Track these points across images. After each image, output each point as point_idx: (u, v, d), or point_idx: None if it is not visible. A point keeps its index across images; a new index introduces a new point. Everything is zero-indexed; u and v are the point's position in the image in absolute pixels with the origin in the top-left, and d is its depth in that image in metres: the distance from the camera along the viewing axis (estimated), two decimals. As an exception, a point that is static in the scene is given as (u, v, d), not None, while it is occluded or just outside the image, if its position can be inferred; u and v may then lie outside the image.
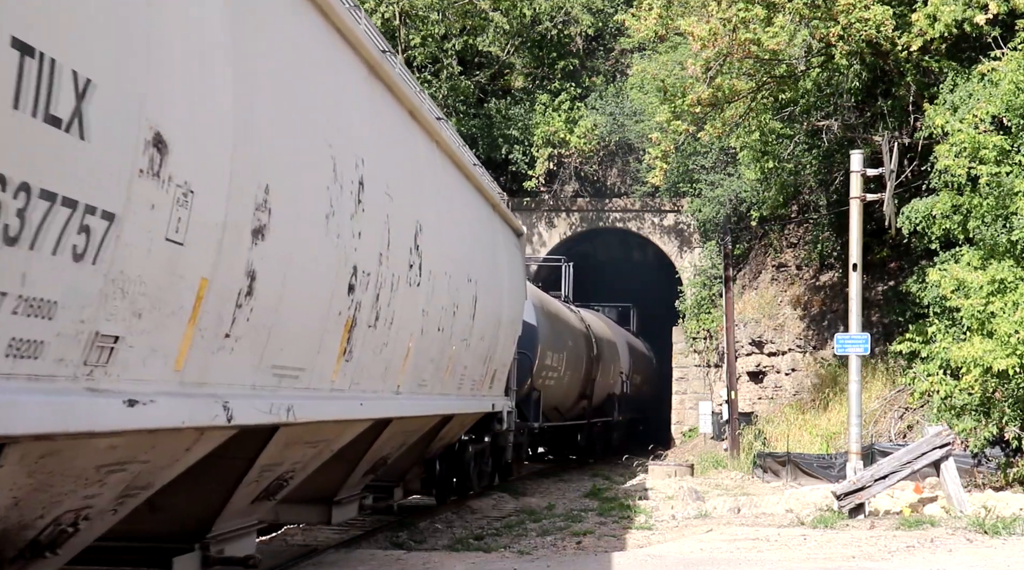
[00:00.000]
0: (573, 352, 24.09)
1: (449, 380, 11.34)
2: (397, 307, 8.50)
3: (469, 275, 11.53)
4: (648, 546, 12.42)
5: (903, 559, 11.26)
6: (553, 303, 23.67)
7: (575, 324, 25.44)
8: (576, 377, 24.77)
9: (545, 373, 21.40)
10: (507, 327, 14.58)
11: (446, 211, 10.49)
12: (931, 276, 17.75)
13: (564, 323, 23.89)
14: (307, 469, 8.16)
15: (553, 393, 22.54)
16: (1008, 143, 16.88)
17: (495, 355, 13.97)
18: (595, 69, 35.58)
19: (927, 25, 19.15)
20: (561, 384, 23.18)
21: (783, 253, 28.96)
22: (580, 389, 25.63)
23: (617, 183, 34.73)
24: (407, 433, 11.16)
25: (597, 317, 30.46)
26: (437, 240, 9.80)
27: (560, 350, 22.60)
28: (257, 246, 5.56)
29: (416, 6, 31.43)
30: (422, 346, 9.71)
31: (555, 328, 22.39)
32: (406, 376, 9.37)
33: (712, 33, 20.33)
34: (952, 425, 16.71)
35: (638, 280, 39.03)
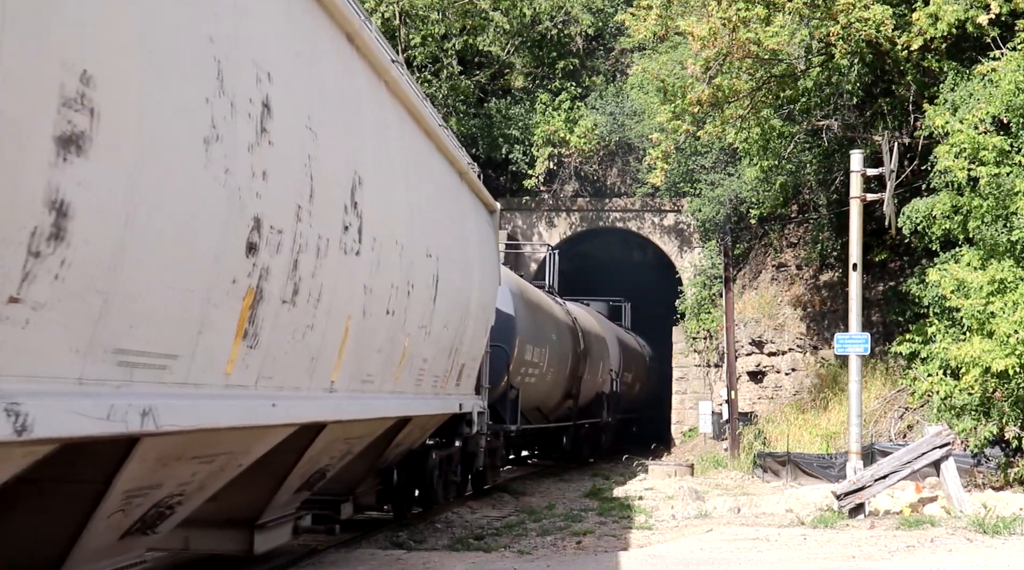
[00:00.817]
0: (557, 347, 22.01)
1: (404, 376, 9.59)
2: (327, 280, 6.74)
3: (429, 249, 9.76)
4: (648, 546, 12.42)
5: (903, 559, 11.26)
6: (534, 292, 21.52)
7: (560, 316, 23.42)
8: (560, 374, 22.78)
9: (524, 369, 19.27)
10: (477, 315, 12.64)
11: (397, 167, 8.69)
12: (931, 276, 17.76)
13: (547, 314, 21.73)
14: (206, 489, 6.55)
15: (534, 392, 20.55)
16: (1008, 144, 16.89)
17: (462, 347, 12.06)
18: (595, 69, 35.59)
19: (928, 25, 19.15)
20: (543, 382, 21.15)
21: (783, 253, 28.96)
22: (565, 388, 23.76)
23: (617, 183, 34.74)
24: (351, 440, 9.39)
25: (586, 311, 28.72)
26: (384, 201, 8.10)
27: (542, 344, 20.47)
28: (69, 164, 3.78)
29: (416, 6, 31.44)
30: (365, 332, 7.92)
31: (536, 319, 20.34)
32: (344, 370, 7.62)
33: (712, 33, 20.34)
34: (952, 425, 16.71)
35: (638, 280, 39.01)
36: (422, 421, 11.81)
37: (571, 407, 24.68)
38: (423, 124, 10.09)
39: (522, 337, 18.70)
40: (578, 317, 25.76)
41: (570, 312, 25.09)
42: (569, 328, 23.90)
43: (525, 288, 20.38)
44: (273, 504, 8.27)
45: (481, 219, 13.48)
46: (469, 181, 12.70)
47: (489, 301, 13.68)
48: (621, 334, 33.42)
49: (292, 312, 6.23)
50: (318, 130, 6.37)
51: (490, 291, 13.72)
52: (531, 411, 21.00)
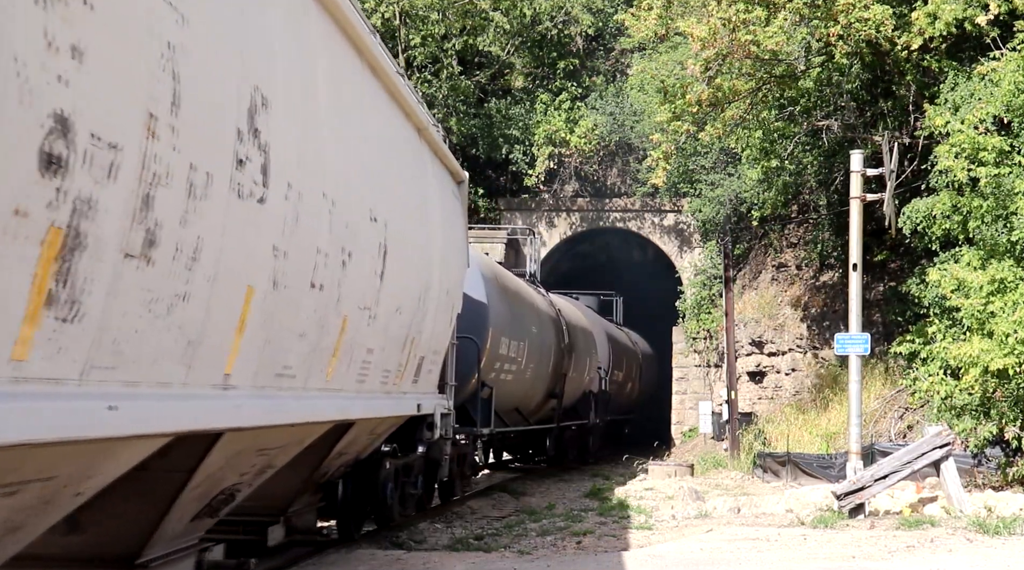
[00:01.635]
0: (538, 341, 19.83)
1: (341, 370, 7.75)
2: (210, 232, 4.89)
3: (374, 212, 7.91)
4: (648, 546, 12.42)
5: (903, 559, 11.26)
6: (512, 279, 19.39)
7: (542, 307, 21.29)
8: (542, 371, 20.67)
9: (500, 365, 17.24)
10: (440, 300, 10.86)
11: (325, 99, 6.81)
12: (931, 276, 17.76)
13: (526, 304, 19.58)
14: (30, 527, 4.73)
15: (511, 391, 18.51)
16: (1008, 144, 16.90)
17: (421, 337, 10.26)
18: (595, 69, 35.61)
19: (927, 24, 19.16)
20: (522, 379, 19.08)
21: (783, 253, 28.96)
22: (548, 386, 21.68)
23: (617, 183, 34.76)
24: (269, 451, 7.43)
25: (572, 304, 26.77)
26: (304, 138, 6.20)
27: (520, 337, 18.38)
28: None
29: (416, 6, 31.45)
30: (279, 310, 6.06)
31: (514, 309, 18.25)
32: (246, 359, 5.74)
33: (712, 33, 20.34)
34: (952, 425, 16.71)
35: (638, 280, 39.00)
36: (370, 425, 10.10)
37: (555, 408, 22.79)
38: (367, 56, 7.97)
39: (496, 328, 16.69)
40: (563, 309, 23.86)
41: (554, 303, 23.04)
42: (552, 320, 21.88)
43: (500, 273, 18.24)
44: (159, 537, 6.35)
45: (446, 189, 11.62)
46: (430, 141, 10.80)
47: (455, 284, 11.87)
48: (611, 329, 31.71)
49: (147, 273, 4.41)
50: (188, 12, 4.51)
51: (456, 272, 11.87)
52: (509, 412, 19.13)
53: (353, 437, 9.78)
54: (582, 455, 27.39)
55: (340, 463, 10.56)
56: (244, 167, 5.22)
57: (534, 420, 21.83)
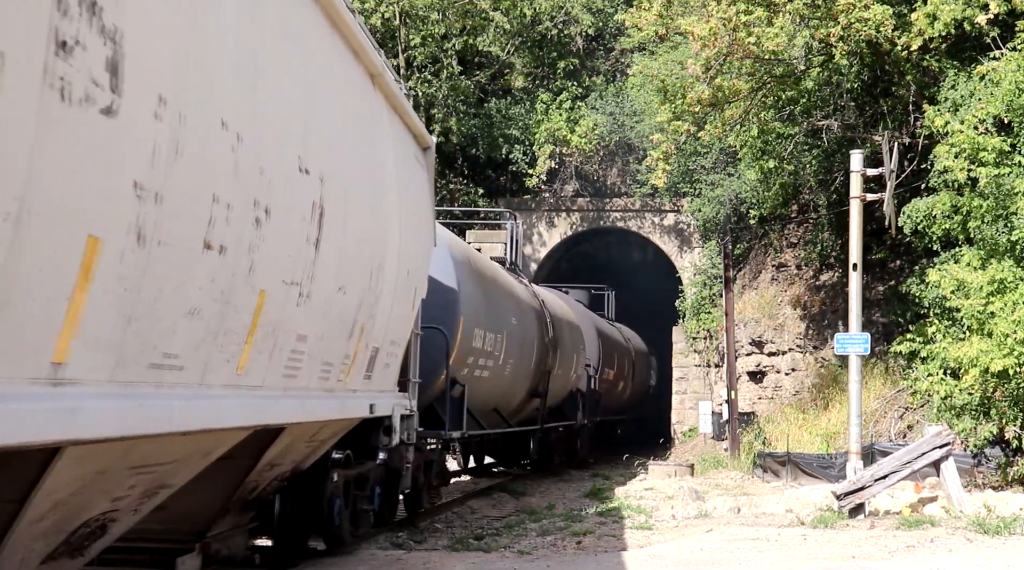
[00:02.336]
0: (518, 333, 17.91)
1: (261, 361, 6.23)
2: (6, 144, 3.46)
3: (304, 162, 6.33)
4: (648, 546, 12.42)
5: (903, 559, 11.27)
6: (488, 264, 17.53)
7: (522, 297, 19.23)
8: (523, 368, 18.67)
9: (474, 360, 15.39)
10: (399, 281, 9.33)
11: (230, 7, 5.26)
12: (931, 276, 17.76)
13: (505, 293, 17.65)
14: None
15: (488, 389, 16.69)
16: (1007, 144, 16.89)
17: (374, 324, 8.72)
18: (595, 69, 35.62)
19: (926, 24, 19.16)
20: (500, 376, 17.17)
21: (783, 253, 28.96)
22: (530, 384, 19.70)
23: (617, 183, 34.77)
24: (154, 469, 5.72)
25: (558, 296, 25.01)
26: (189, 39, 4.72)
27: (497, 329, 16.51)
28: None
29: (416, 6, 31.46)
30: (148, 274, 4.53)
31: (490, 297, 16.40)
32: (89, 342, 4.20)
33: (712, 33, 20.34)
34: (952, 425, 16.71)
35: (638, 280, 38.99)
36: (307, 430, 8.35)
37: (539, 408, 20.86)
38: None
39: (469, 318, 14.74)
40: (547, 301, 21.86)
41: (537, 294, 21.08)
42: (535, 312, 19.89)
43: (475, 257, 16.29)
44: None
45: (407, 151, 10.03)
46: (387, 93, 9.19)
47: (418, 264, 10.26)
48: (602, 325, 29.84)
49: None
50: None
51: (419, 250, 10.25)
52: (486, 413, 17.32)
53: (286, 445, 7.96)
54: (570, 458, 25.80)
55: (273, 477, 8.62)
56: (72, 55, 3.70)
57: (515, 421, 19.87)
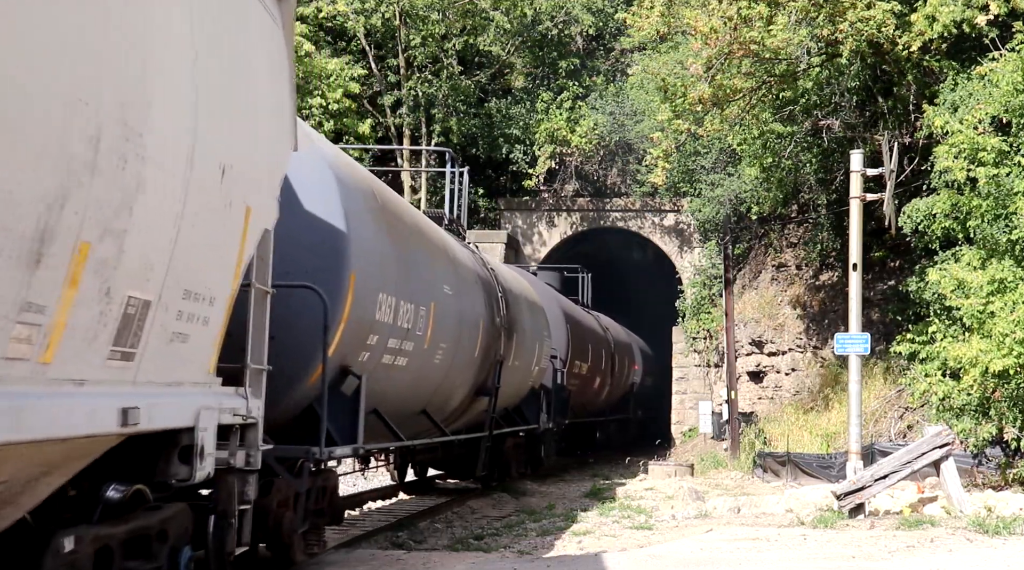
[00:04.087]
0: (455, 309, 13.14)
1: None
2: None
3: None
4: (648, 546, 12.42)
5: (903, 559, 11.26)
6: (405, 207, 12.50)
7: (465, 262, 14.53)
8: (464, 356, 13.88)
9: (379, 340, 10.45)
10: (201, 185, 5.54)
11: None
12: (931, 275, 17.77)
13: (434, 250, 12.80)
14: None
15: (408, 383, 11.88)
16: (1007, 144, 16.90)
17: (123, 248, 4.78)
18: (595, 69, 35.65)
19: (926, 25, 19.17)
20: (426, 366, 12.25)
21: (783, 253, 28.97)
22: (475, 378, 14.97)
23: (617, 183, 34.79)
24: None
25: (519, 273, 21.05)
26: None
27: (420, 298, 11.53)
28: None
29: (416, 6, 31.46)
30: None
31: (408, 253, 11.47)
32: None
33: (713, 30, 20.35)
34: (951, 425, 16.71)
35: (638, 280, 39.01)
36: None
37: (486, 410, 16.30)
38: None
39: (367, 276, 9.83)
40: (502, 274, 17.43)
41: (486, 263, 16.53)
42: (482, 283, 15.13)
43: (381, 192, 11.24)
44: None
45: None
46: None
47: (253, 162, 6.48)
48: (573, 309, 25.46)
49: None
50: None
51: (252, 143, 6.50)
52: (408, 417, 12.58)
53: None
54: (533, 468, 21.64)
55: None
56: None
57: (455, 427, 15.26)
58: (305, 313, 8.95)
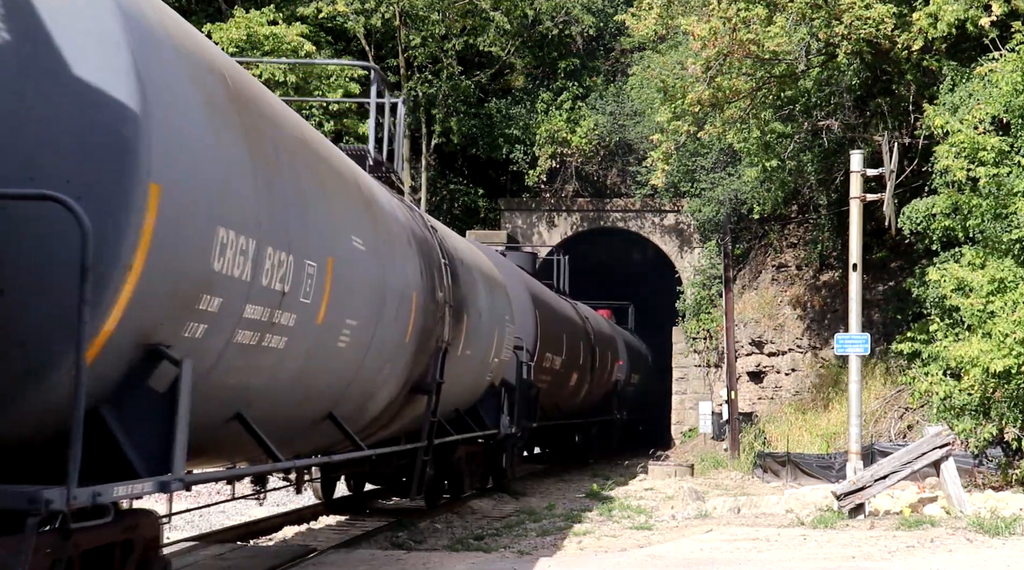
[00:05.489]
0: (371, 271, 9.47)
1: None
2: None
3: None
4: (648, 546, 12.42)
5: (903, 559, 11.26)
6: (293, 121, 8.41)
7: (389, 211, 10.70)
8: (387, 339, 10.15)
9: (213, 305, 6.33)
10: None
11: None
12: (931, 275, 17.76)
13: (338, 183, 9.12)
14: None
15: (283, 377, 7.95)
16: (1007, 144, 16.90)
17: None
18: (595, 69, 35.67)
19: (928, 25, 19.17)
20: (318, 351, 8.41)
21: (783, 253, 28.98)
22: (407, 371, 11.15)
23: (617, 183, 34.81)
24: None
25: (475, 246, 17.38)
26: None
27: (305, 251, 7.67)
28: None
29: (416, 6, 31.46)
30: None
31: (275, 176, 7.28)
32: None
33: (712, 32, 20.35)
34: (952, 426, 16.70)
35: (638, 280, 39.02)
36: None
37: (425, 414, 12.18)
38: None
39: (192, 195, 6.04)
40: (447, 237, 13.87)
41: (429, 222, 12.97)
42: (416, 242, 11.43)
43: (238, 76, 7.39)
44: None
45: None
46: None
47: None
48: (542, 292, 21.96)
49: None
50: None
51: None
52: (305, 425, 9.13)
53: None
54: (495, 480, 18.33)
55: None
56: None
57: (385, 436, 11.85)
58: (64, 252, 5.23)
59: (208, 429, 6.98)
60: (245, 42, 26.76)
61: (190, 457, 6.60)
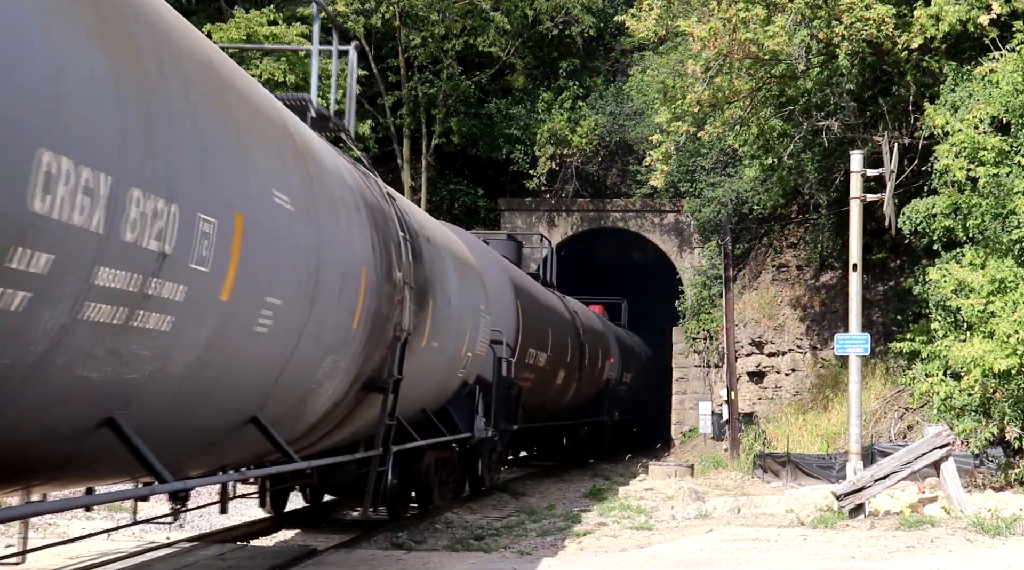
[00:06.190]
0: (303, 238, 7.62)
1: None
2: None
3: None
4: (648, 546, 12.42)
5: (903, 559, 11.26)
6: (201, 45, 6.54)
7: (330, 168, 8.92)
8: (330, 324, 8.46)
9: (37, 264, 4.47)
10: None
11: None
12: (931, 275, 17.76)
13: (258, 123, 7.17)
14: None
15: (172, 370, 6.06)
16: (1007, 144, 16.90)
17: None
18: (595, 69, 35.68)
19: (929, 25, 19.17)
20: (226, 336, 6.55)
21: (783, 253, 28.98)
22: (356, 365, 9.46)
23: (617, 183, 34.81)
24: None
25: (448, 228, 15.68)
26: None
27: (201, 201, 5.85)
28: None
29: (416, 6, 31.46)
30: None
31: (150, 95, 5.38)
32: None
33: (712, 33, 20.35)
34: (952, 426, 16.70)
35: (638, 280, 39.01)
36: None
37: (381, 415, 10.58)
38: None
39: None
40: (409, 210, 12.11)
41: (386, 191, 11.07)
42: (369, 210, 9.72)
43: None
44: None
45: None
46: None
47: None
48: (524, 281, 20.30)
49: None
50: None
51: None
52: (217, 432, 7.57)
53: None
54: (473, 488, 17.37)
55: None
56: None
57: (324, 448, 10.39)
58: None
59: (66, 439, 5.45)
60: (245, 42, 26.75)
61: (40, 475, 5.38)
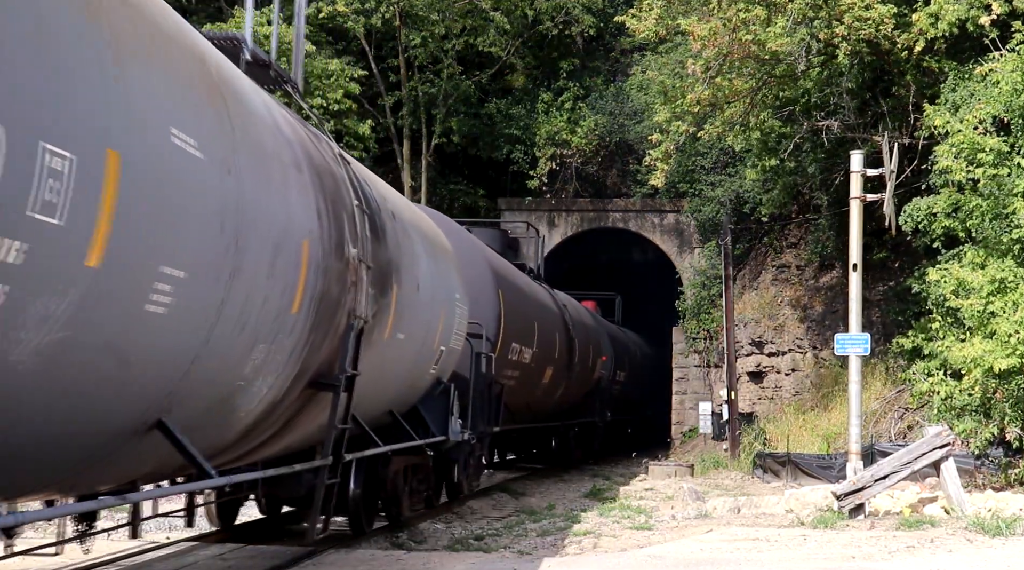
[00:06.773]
0: (217, 192, 6.06)
1: None
2: None
3: None
4: (648, 546, 12.42)
5: (903, 559, 11.26)
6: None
7: (262, 115, 7.37)
8: (260, 305, 6.84)
9: None
10: None
11: None
12: (931, 275, 17.76)
13: (157, 45, 5.62)
14: None
15: (21, 368, 4.53)
16: (1007, 145, 16.90)
17: None
18: (595, 69, 35.68)
19: (929, 25, 19.16)
20: (100, 315, 4.98)
21: (783, 253, 28.98)
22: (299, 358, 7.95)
23: (617, 183, 34.82)
24: None
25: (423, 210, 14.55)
26: None
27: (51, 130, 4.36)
28: None
29: (416, 6, 31.45)
30: None
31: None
32: None
33: (712, 32, 20.35)
34: (952, 426, 16.70)
35: (638, 280, 39.01)
36: None
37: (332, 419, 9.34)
38: None
39: None
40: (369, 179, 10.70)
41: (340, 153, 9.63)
42: (314, 169, 8.19)
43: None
44: None
45: None
46: None
47: None
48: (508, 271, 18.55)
49: None
50: None
51: None
52: (104, 443, 5.99)
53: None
54: (450, 495, 16.04)
55: None
56: None
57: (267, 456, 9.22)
58: None
59: None
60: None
61: None
